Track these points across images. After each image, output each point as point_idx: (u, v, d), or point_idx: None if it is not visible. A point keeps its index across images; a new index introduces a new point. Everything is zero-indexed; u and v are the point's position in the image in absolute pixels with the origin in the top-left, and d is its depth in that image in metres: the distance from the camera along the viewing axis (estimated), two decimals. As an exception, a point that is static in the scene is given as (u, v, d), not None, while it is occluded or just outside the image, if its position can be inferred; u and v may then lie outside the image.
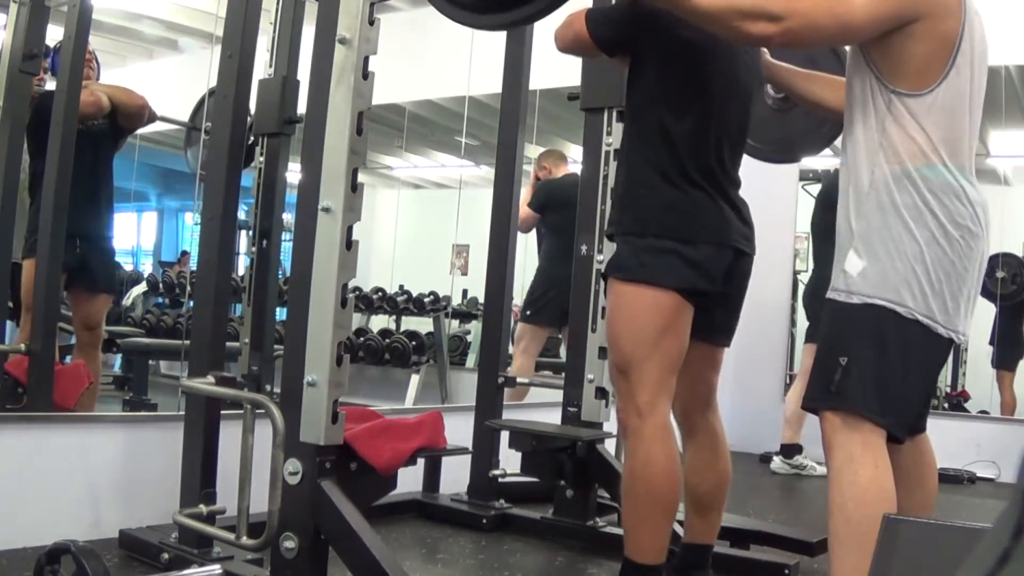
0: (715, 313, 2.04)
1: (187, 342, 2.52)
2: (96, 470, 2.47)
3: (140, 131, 5.21)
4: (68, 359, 3.43)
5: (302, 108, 3.01)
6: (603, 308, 2.62)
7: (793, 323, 5.56)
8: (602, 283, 2.55)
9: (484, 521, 2.88)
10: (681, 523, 2.17)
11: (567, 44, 2.03)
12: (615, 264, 1.99)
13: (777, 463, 4.38)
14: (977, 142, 1.75)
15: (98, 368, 3.32)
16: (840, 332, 1.71)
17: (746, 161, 2.11)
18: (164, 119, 3.90)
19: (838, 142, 2.05)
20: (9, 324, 3.13)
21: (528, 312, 4.42)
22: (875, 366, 1.64)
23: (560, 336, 4.83)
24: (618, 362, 1.98)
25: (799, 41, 1.75)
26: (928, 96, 1.66)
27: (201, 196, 2.51)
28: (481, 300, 3.82)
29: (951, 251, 1.64)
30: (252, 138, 3.24)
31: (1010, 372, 5.21)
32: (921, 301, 1.63)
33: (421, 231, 6.62)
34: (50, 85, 3.10)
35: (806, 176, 5.36)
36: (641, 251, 1.92)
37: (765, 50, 2.17)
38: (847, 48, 1.86)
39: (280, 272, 3.65)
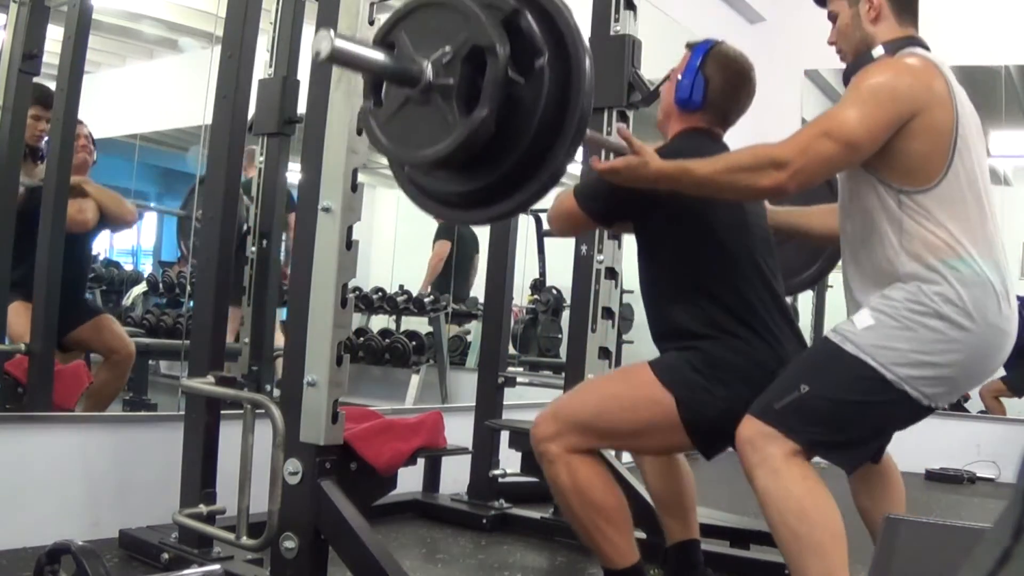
0: None
1: (187, 342, 2.52)
2: (96, 470, 2.47)
3: (140, 131, 5.22)
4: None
5: (302, 108, 3.01)
6: (604, 308, 2.62)
7: (793, 324, 5.55)
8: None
9: (484, 521, 2.88)
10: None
11: (563, 225, 2.00)
12: (667, 364, 1.86)
13: None
14: (997, 223, 1.73)
15: (123, 376, 3.29)
16: (816, 364, 1.70)
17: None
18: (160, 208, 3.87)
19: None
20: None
21: None
22: (832, 409, 1.63)
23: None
24: (569, 413, 1.87)
25: (811, 179, 1.66)
26: (937, 189, 1.64)
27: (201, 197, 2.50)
28: (481, 300, 3.82)
29: (967, 343, 1.62)
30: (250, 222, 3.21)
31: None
32: (917, 378, 1.61)
33: (421, 231, 6.60)
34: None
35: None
36: (702, 380, 1.80)
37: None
38: None
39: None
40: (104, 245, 5.17)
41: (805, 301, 5.76)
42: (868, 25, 1.81)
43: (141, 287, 5.36)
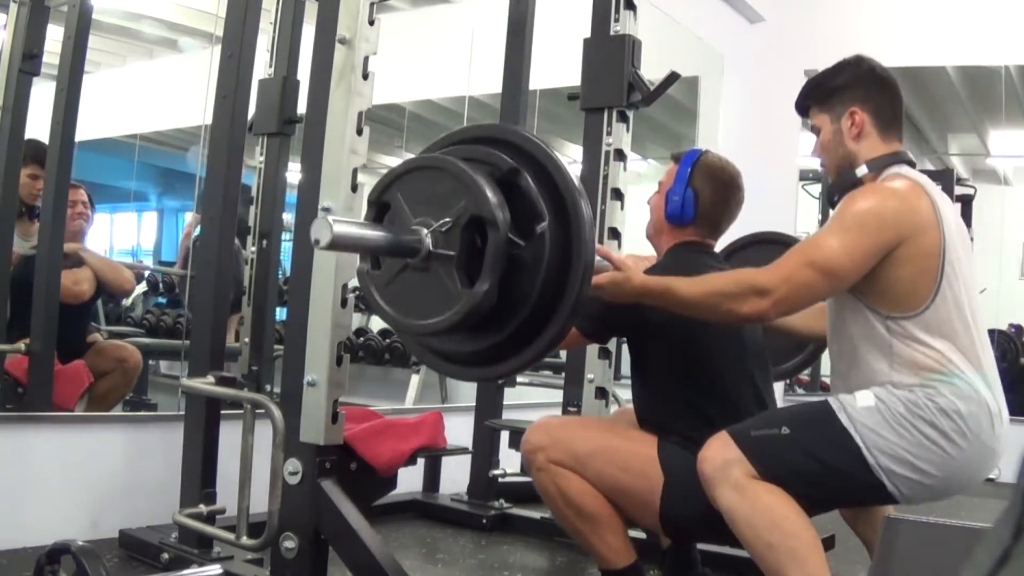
0: None
1: (187, 342, 2.52)
2: (96, 470, 2.47)
3: (140, 131, 5.22)
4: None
5: (302, 108, 3.01)
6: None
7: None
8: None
9: (484, 521, 2.88)
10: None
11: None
12: (673, 452, 1.86)
13: None
14: (987, 342, 1.72)
15: (130, 383, 3.29)
16: (805, 416, 1.70)
17: (745, 158, 2.10)
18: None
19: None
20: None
21: None
22: (803, 461, 1.62)
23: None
24: (565, 438, 1.90)
25: (793, 306, 1.70)
26: (925, 314, 1.63)
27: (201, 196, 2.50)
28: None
29: (957, 459, 1.60)
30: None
31: None
32: (898, 475, 1.60)
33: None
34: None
35: (806, 176, 5.35)
36: (694, 480, 1.76)
37: None
38: None
39: (280, 272, 3.64)
40: (104, 245, 5.16)
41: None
42: (850, 142, 1.79)
43: (141, 287, 5.36)
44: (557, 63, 2.24)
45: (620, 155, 2.61)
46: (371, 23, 1.84)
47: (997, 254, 5.19)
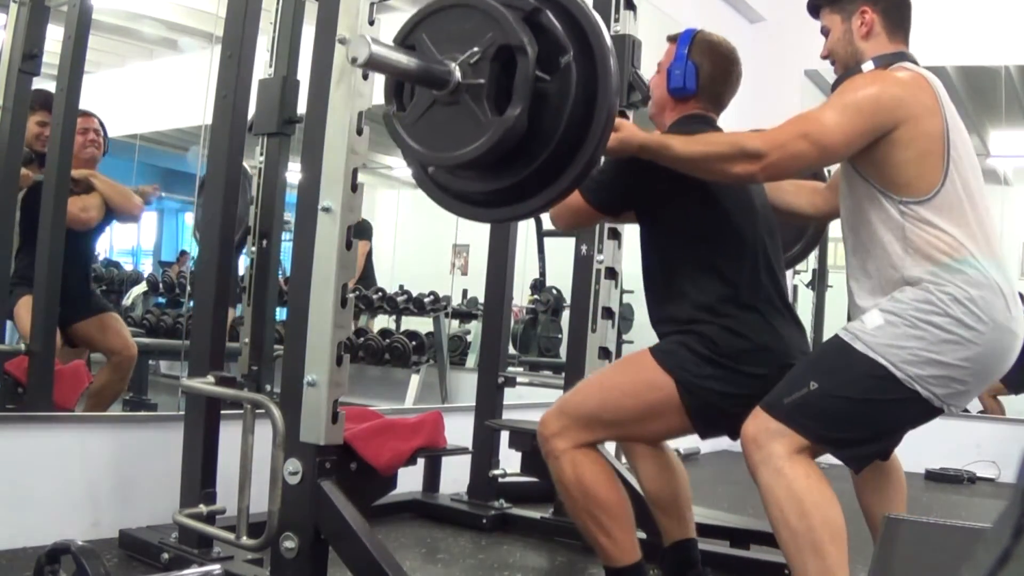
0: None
1: (187, 342, 2.52)
2: (96, 470, 2.47)
3: (140, 131, 5.22)
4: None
5: (302, 108, 3.01)
6: (604, 308, 2.62)
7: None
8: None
9: (484, 521, 2.88)
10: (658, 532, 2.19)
11: (568, 221, 2.00)
12: (667, 349, 1.86)
13: None
14: (995, 226, 1.75)
15: (125, 378, 3.29)
16: (826, 362, 1.71)
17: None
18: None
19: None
20: (8, 324, 3.11)
21: None
22: (840, 407, 1.63)
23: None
24: (574, 407, 1.91)
25: (782, 173, 1.77)
26: (936, 198, 1.66)
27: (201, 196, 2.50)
28: (481, 300, 3.82)
29: (978, 343, 1.61)
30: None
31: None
32: (927, 377, 1.61)
33: (421, 231, 6.60)
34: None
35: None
36: (703, 362, 1.82)
37: None
38: None
39: (280, 272, 3.64)
40: (104, 245, 5.17)
41: (805, 301, 5.77)
42: (859, 41, 1.84)
43: (141, 287, 5.36)
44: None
45: (620, 155, 2.61)
46: (371, 23, 1.84)
47: (997, 254, 5.19)
